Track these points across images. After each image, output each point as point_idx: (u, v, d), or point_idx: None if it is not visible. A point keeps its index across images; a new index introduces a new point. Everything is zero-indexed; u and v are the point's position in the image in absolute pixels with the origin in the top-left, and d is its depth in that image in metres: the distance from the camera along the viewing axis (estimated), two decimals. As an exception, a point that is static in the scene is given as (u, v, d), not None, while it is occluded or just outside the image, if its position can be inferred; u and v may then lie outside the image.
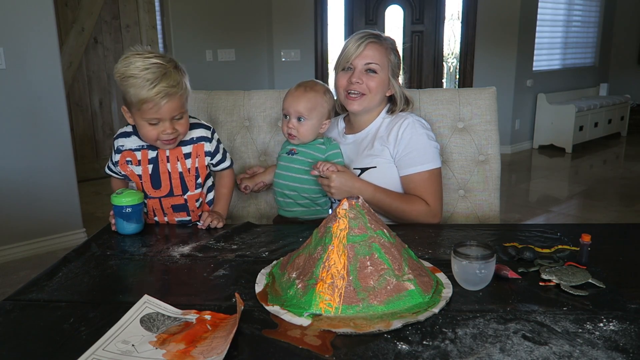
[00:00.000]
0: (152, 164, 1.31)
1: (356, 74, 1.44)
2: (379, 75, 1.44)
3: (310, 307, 0.87)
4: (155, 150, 1.32)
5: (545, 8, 5.44)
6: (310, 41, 5.01)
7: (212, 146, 1.37)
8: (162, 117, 1.21)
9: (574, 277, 0.95)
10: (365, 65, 1.43)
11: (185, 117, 1.26)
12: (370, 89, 1.44)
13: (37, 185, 2.85)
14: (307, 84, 1.47)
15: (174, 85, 1.19)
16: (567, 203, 3.92)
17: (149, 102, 1.18)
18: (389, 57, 1.46)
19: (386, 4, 5.15)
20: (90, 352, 0.77)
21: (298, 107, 1.43)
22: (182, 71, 1.24)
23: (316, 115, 1.45)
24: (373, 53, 1.43)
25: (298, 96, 1.44)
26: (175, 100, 1.21)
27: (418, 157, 1.41)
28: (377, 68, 1.43)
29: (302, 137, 1.46)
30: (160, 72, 1.18)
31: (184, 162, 1.33)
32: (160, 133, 1.24)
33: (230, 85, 4.71)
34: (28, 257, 2.84)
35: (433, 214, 1.41)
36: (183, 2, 4.49)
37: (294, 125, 1.45)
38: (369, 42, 1.43)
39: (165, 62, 1.20)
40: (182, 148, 1.33)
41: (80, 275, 1.05)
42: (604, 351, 0.75)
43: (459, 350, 0.76)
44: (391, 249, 0.93)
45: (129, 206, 1.25)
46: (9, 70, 2.68)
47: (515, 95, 5.31)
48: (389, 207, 1.40)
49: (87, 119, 4.46)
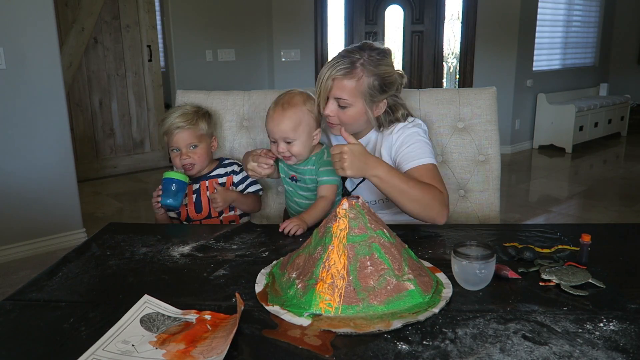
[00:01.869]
0: (195, 194, 1.59)
1: (329, 106, 1.35)
2: (351, 108, 1.34)
3: (310, 307, 0.87)
4: (197, 183, 1.59)
5: (545, 8, 5.44)
6: (310, 41, 5.00)
7: (238, 178, 1.62)
8: (178, 146, 1.53)
9: (574, 277, 0.95)
10: (336, 99, 1.33)
11: (199, 149, 1.55)
12: (342, 121, 1.36)
13: (37, 185, 2.85)
14: (284, 100, 1.36)
15: (184, 120, 1.52)
16: (567, 203, 3.92)
17: (167, 133, 1.55)
18: (364, 87, 1.32)
19: (386, 4, 5.15)
20: (90, 352, 0.77)
21: (282, 131, 1.34)
22: (203, 115, 1.58)
23: (303, 131, 1.36)
24: (341, 91, 1.32)
25: (278, 119, 1.35)
26: (186, 132, 1.53)
27: (417, 151, 1.35)
28: (347, 103, 1.32)
29: (298, 158, 1.39)
30: (180, 112, 1.55)
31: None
32: (180, 159, 1.54)
33: (230, 85, 4.71)
34: (28, 257, 2.84)
35: (445, 203, 1.29)
36: (183, 2, 4.49)
37: (285, 149, 1.37)
38: (335, 78, 1.32)
39: (190, 108, 1.58)
40: (219, 180, 1.60)
41: (80, 275, 1.05)
42: (604, 351, 0.75)
43: (459, 350, 0.76)
44: (391, 249, 0.93)
45: (176, 180, 1.47)
46: (9, 70, 2.68)
47: (515, 95, 5.31)
48: (404, 187, 1.26)
49: (87, 119, 4.46)
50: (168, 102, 5.05)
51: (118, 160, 4.69)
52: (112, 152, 4.65)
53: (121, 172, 4.70)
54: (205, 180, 1.60)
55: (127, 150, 4.73)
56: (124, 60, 4.57)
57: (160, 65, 4.90)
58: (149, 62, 4.69)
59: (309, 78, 4.86)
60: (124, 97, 4.63)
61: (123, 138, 4.69)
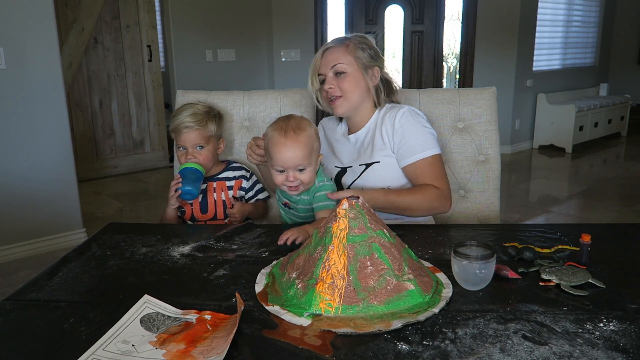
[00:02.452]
0: (202, 194, 1.57)
1: (328, 80, 1.45)
2: (348, 74, 1.44)
3: (310, 307, 0.87)
4: (205, 183, 1.58)
5: (545, 8, 5.44)
6: (310, 41, 5.01)
7: (248, 184, 1.63)
8: (185, 145, 1.53)
9: (574, 277, 0.95)
10: (332, 69, 1.44)
11: (205, 150, 1.54)
12: (343, 90, 1.44)
13: (37, 185, 2.85)
14: (292, 126, 1.27)
15: (194, 121, 1.52)
16: (567, 203, 3.92)
17: (175, 131, 1.54)
18: (355, 53, 1.45)
19: (386, 4, 5.15)
20: (90, 352, 0.77)
21: (297, 158, 1.26)
22: (213, 117, 1.58)
23: (315, 157, 1.31)
24: (335, 56, 1.44)
25: (292, 145, 1.25)
26: (194, 132, 1.52)
27: (417, 145, 1.40)
28: (344, 68, 1.44)
29: (307, 185, 1.32)
30: (191, 111, 1.54)
31: (227, 193, 1.60)
32: (186, 158, 1.54)
33: (230, 85, 4.71)
34: (28, 257, 2.84)
35: (445, 196, 1.39)
36: (183, 2, 4.49)
37: (296, 178, 1.28)
38: (327, 49, 1.46)
39: (201, 107, 1.57)
40: (227, 182, 1.60)
41: (80, 275, 1.05)
42: (604, 351, 0.75)
43: (459, 350, 0.76)
44: (391, 249, 0.93)
45: (195, 169, 1.49)
46: (9, 70, 2.68)
47: (515, 95, 5.31)
48: (403, 203, 1.36)
49: (87, 119, 4.46)
50: (168, 102, 5.06)
51: (118, 160, 4.69)
52: (112, 152, 4.65)
53: (121, 172, 4.70)
54: (213, 182, 1.60)
55: (127, 150, 4.73)
56: (124, 60, 4.57)
57: (160, 65, 4.90)
58: (149, 62, 4.69)
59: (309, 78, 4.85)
60: (124, 97, 4.63)
61: (123, 138, 4.69)
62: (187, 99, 1.72)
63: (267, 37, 5.03)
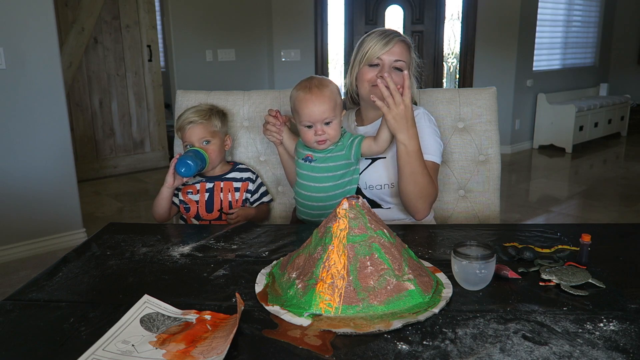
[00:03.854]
0: (208, 193, 1.58)
1: (385, 69, 1.42)
2: (404, 74, 1.40)
3: (310, 307, 0.87)
4: (212, 182, 1.59)
5: (545, 8, 5.44)
6: (310, 41, 5.01)
7: (254, 187, 1.64)
8: (191, 141, 1.54)
9: (574, 277, 0.95)
10: (393, 62, 1.43)
11: (212, 145, 1.55)
12: (397, 85, 1.40)
13: (37, 185, 2.85)
14: (315, 83, 1.36)
15: (198, 115, 1.54)
16: (567, 203, 3.92)
17: (181, 129, 1.56)
18: (411, 55, 1.48)
19: (386, 3, 5.15)
20: (90, 352, 0.77)
21: (323, 111, 1.33)
22: (217, 113, 1.59)
23: (339, 111, 1.37)
24: (400, 50, 1.44)
25: (317, 99, 1.33)
26: (199, 127, 1.53)
27: (424, 147, 1.39)
28: (404, 66, 1.43)
29: (333, 139, 1.37)
30: (195, 109, 1.57)
31: (233, 194, 1.60)
32: None
33: (230, 85, 4.71)
34: (28, 257, 2.84)
35: (432, 203, 1.40)
36: (183, 2, 4.49)
37: (324, 131, 1.35)
38: (398, 40, 1.44)
39: (204, 105, 1.60)
40: (234, 183, 1.61)
41: (80, 275, 1.05)
42: (604, 351, 0.75)
43: (459, 350, 0.76)
44: (391, 249, 0.93)
45: (198, 151, 1.50)
46: (9, 70, 2.68)
47: (515, 95, 5.31)
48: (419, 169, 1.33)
49: (87, 119, 4.46)
50: (168, 102, 5.06)
51: (118, 160, 4.69)
52: (112, 152, 4.65)
53: (121, 172, 4.70)
54: (220, 182, 1.60)
55: (127, 150, 4.73)
56: (124, 60, 4.57)
57: (160, 65, 4.90)
58: (149, 62, 4.69)
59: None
60: (124, 97, 4.63)
61: (123, 138, 4.69)
62: (187, 99, 1.72)
63: (267, 37, 5.03)
